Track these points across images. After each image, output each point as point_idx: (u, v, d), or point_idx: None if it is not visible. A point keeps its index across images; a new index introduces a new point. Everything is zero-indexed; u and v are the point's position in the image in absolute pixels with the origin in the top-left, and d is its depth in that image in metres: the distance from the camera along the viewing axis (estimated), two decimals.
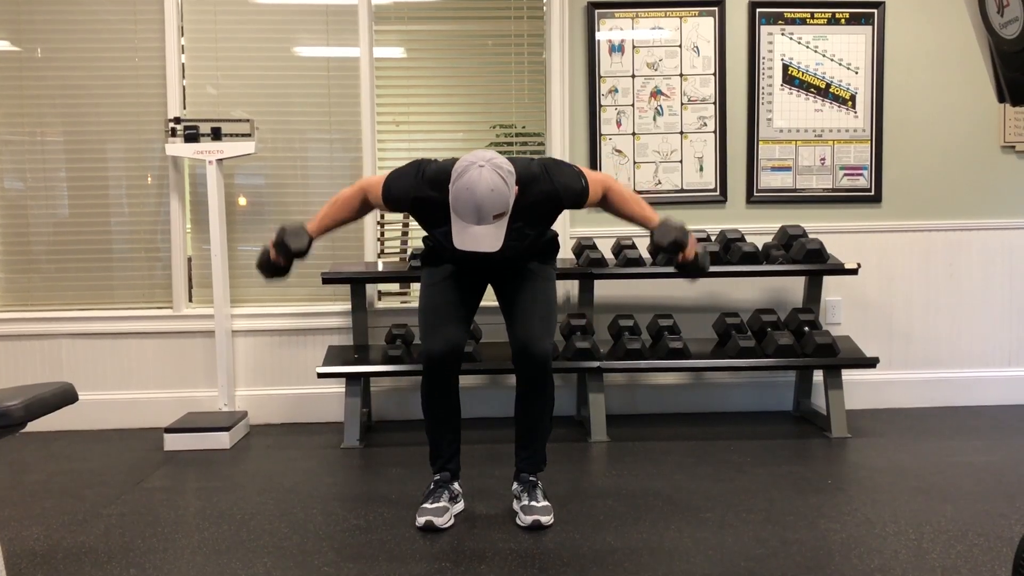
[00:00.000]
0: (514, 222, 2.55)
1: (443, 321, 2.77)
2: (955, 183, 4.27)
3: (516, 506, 2.80)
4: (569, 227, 4.13)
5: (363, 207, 2.80)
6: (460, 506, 2.86)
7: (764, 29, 4.18)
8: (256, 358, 4.16)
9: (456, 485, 2.88)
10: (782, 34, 4.19)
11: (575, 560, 2.47)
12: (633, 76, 4.17)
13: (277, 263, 2.77)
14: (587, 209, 4.09)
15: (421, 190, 2.64)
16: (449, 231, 2.58)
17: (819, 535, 2.63)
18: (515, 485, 2.86)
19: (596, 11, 4.13)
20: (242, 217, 4.20)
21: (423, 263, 2.91)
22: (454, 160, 2.57)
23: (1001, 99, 1.64)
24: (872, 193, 4.25)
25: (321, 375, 3.75)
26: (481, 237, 2.41)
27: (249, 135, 3.93)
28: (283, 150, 4.20)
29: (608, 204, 2.81)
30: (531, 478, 2.84)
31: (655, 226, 2.74)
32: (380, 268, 4.09)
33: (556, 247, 2.95)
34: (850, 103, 4.22)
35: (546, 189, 2.64)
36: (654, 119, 4.19)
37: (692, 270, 2.81)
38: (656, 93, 4.18)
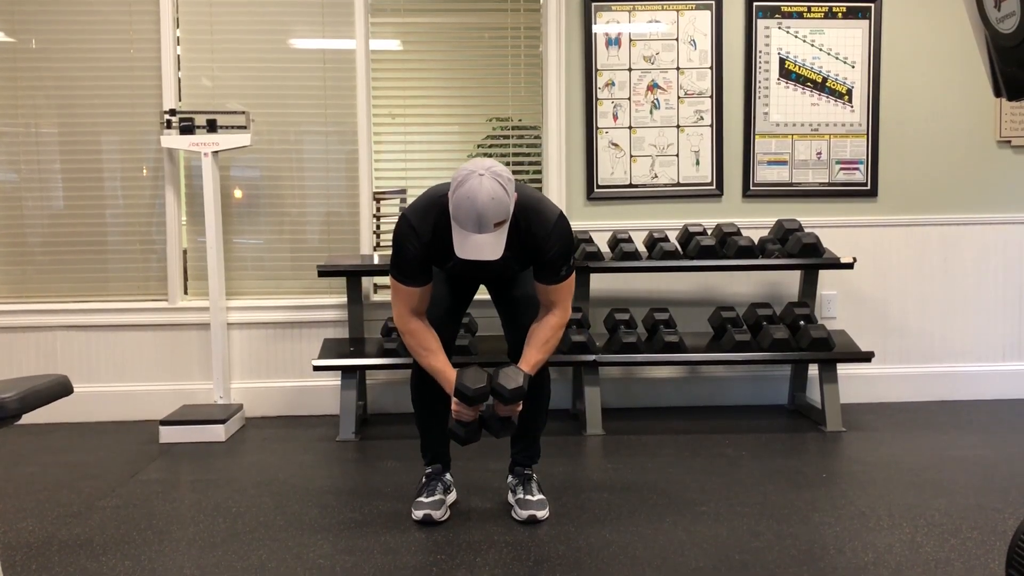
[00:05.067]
0: (505, 250, 2.52)
1: (433, 315, 2.76)
2: (951, 178, 4.28)
3: (511, 499, 2.80)
4: None
5: (420, 316, 2.65)
6: (453, 496, 2.87)
7: (761, 23, 4.18)
8: (252, 351, 4.16)
9: (448, 476, 2.88)
10: (779, 28, 4.18)
11: (570, 553, 2.47)
12: (630, 69, 4.17)
13: (471, 420, 2.59)
14: (583, 202, 4.15)
15: (424, 233, 2.54)
16: (457, 263, 2.56)
17: (813, 528, 2.64)
18: (510, 478, 2.87)
19: (593, 4, 4.12)
20: (238, 209, 4.19)
21: None
22: (434, 187, 2.58)
23: (997, 93, 1.64)
24: (868, 187, 4.25)
25: (317, 368, 3.75)
26: (482, 245, 2.39)
27: (245, 127, 3.92)
28: (279, 142, 4.19)
29: (541, 311, 2.69)
30: (526, 471, 2.85)
31: (513, 367, 2.59)
32: (376, 261, 4.07)
33: None
34: (846, 97, 4.22)
35: (538, 234, 2.55)
36: (651, 113, 4.18)
37: (495, 424, 2.60)
38: (653, 87, 4.18)
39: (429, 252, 2.58)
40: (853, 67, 4.21)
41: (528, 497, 2.75)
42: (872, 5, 4.18)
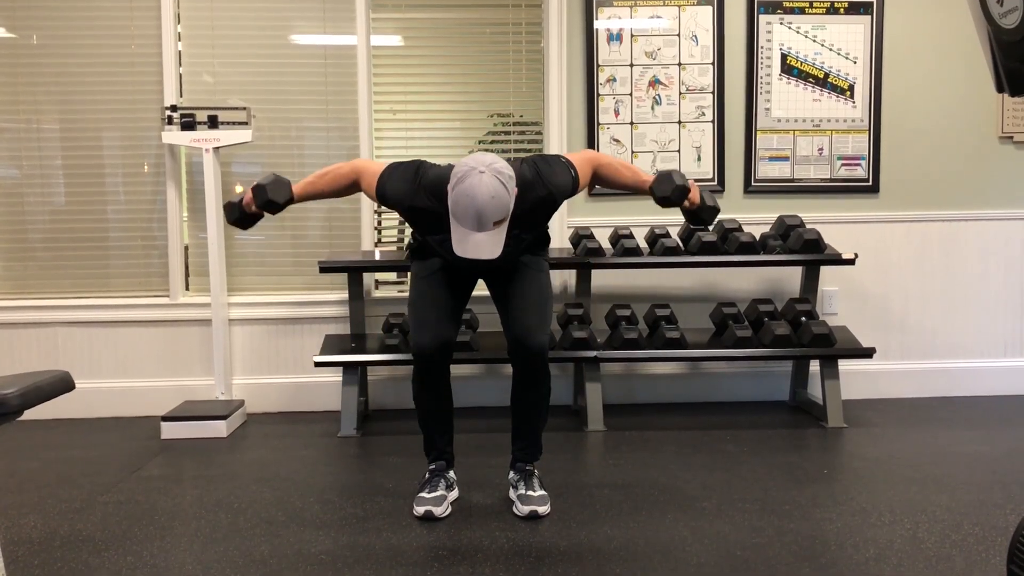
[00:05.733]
0: (512, 229, 2.52)
1: (433, 315, 2.75)
2: (952, 174, 4.27)
3: (512, 495, 2.81)
4: (566, 217, 4.13)
5: (351, 188, 2.77)
6: (455, 494, 2.87)
7: (763, 18, 4.17)
8: (253, 347, 4.16)
9: (451, 473, 2.88)
10: (781, 23, 4.18)
11: (571, 549, 2.47)
12: (631, 65, 4.16)
13: (247, 208, 2.79)
14: (584, 198, 4.15)
15: (418, 199, 2.59)
16: (444, 239, 2.53)
17: (815, 525, 2.64)
18: (511, 474, 2.87)
19: (594, 0, 4.12)
20: None
21: (413, 256, 2.88)
22: (452, 167, 2.55)
23: (1000, 89, 1.64)
24: (870, 183, 4.25)
25: (318, 364, 3.75)
26: (482, 244, 2.36)
27: (246, 123, 3.92)
28: (280, 138, 4.19)
29: (601, 179, 2.81)
30: (528, 467, 2.85)
31: (653, 184, 2.77)
32: (377, 257, 4.08)
33: (547, 239, 2.92)
34: (848, 93, 4.21)
35: (542, 195, 2.60)
36: (652, 108, 4.18)
37: (703, 212, 2.82)
38: (654, 82, 4.17)
39: (409, 211, 2.65)
40: (855, 63, 4.20)
41: (530, 493, 2.75)
42: (874, 1, 4.17)
